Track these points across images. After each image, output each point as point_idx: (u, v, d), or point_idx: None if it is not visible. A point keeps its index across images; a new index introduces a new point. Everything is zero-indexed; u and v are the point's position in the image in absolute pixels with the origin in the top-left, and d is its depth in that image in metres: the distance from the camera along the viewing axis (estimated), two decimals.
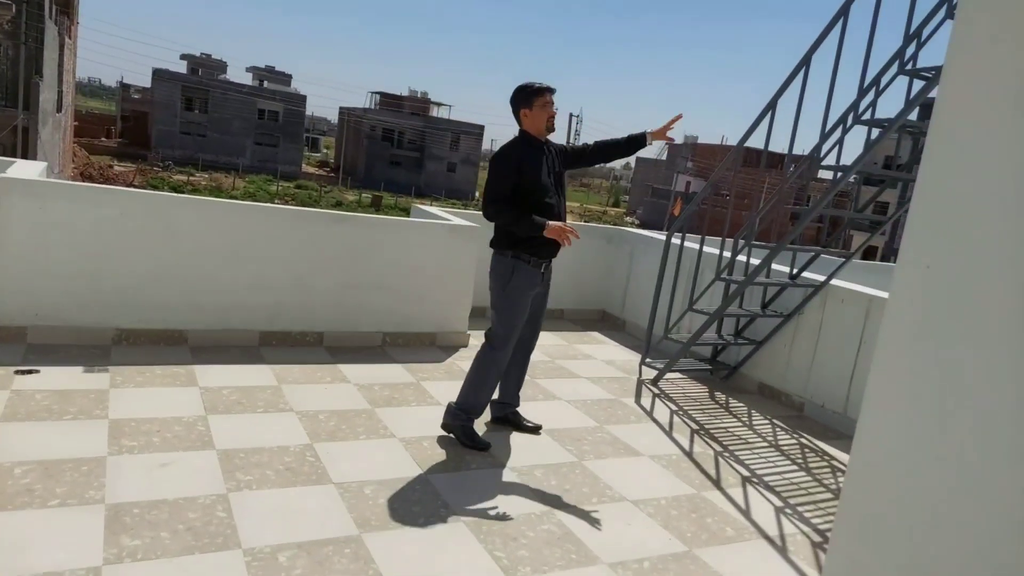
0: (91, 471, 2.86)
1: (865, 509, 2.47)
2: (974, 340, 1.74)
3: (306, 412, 3.76)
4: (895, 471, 2.41)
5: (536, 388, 4.69)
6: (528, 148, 3.63)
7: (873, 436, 2.46)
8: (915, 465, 2.29)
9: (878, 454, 2.44)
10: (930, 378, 1.99)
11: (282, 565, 2.45)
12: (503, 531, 2.87)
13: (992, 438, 1.72)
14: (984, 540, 1.74)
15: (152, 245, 4.41)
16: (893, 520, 2.41)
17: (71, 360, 3.96)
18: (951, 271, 1.83)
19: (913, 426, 2.33)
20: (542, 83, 3.64)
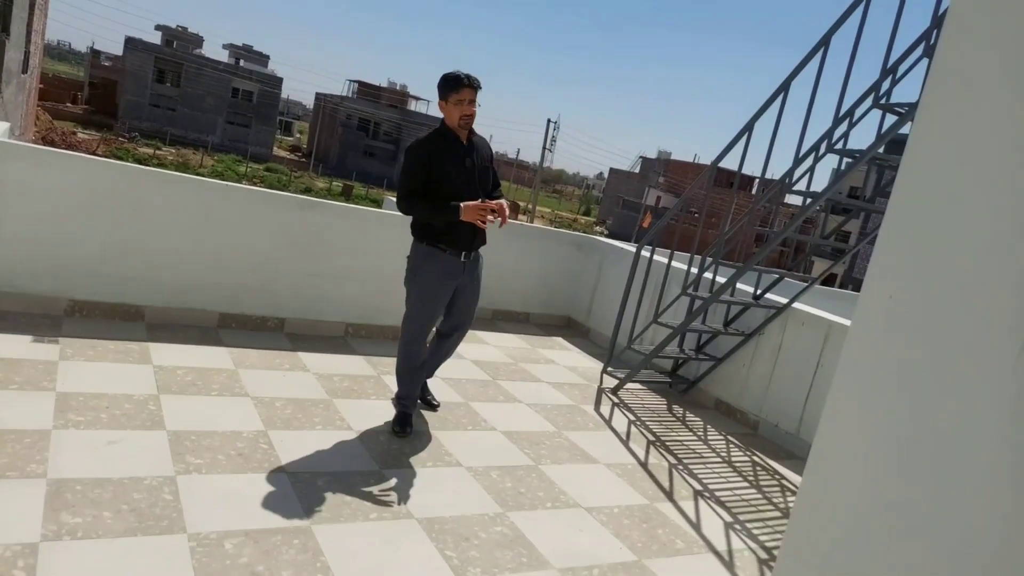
0: (34, 444, 2.76)
1: (813, 531, 2.53)
2: (935, 370, 1.78)
3: (262, 398, 3.69)
4: (846, 497, 2.47)
5: (497, 389, 4.68)
6: (442, 141, 3.49)
7: (826, 460, 2.51)
8: (868, 493, 2.35)
9: (830, 478, 2.49)
10: (889, 407, 2.04)
11: (228, 552, 2.39)
12: (456, 531, 2.86)
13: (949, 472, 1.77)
14: (935, 570, 1.78)
15: (113, 216, 4.29)
16: (841, 545, 2.47)
17: (20, 328, 3.83)
18: (915, 302, 1.88)
19: (869, 452, 2.39)
20: (467, 75, 3.42)
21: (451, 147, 3.50)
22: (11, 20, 19.52)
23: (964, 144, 1.71)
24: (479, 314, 6.46)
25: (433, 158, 3.45)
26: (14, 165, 4.01)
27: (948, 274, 1.75)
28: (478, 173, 3.57)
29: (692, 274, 5.05)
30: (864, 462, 2.32)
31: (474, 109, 3.45)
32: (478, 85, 3.44)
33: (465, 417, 4.08)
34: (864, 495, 2.30)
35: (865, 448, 2.32)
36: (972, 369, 1.69)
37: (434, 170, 3.44)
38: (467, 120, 3.47)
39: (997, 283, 1.48)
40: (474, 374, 4.89)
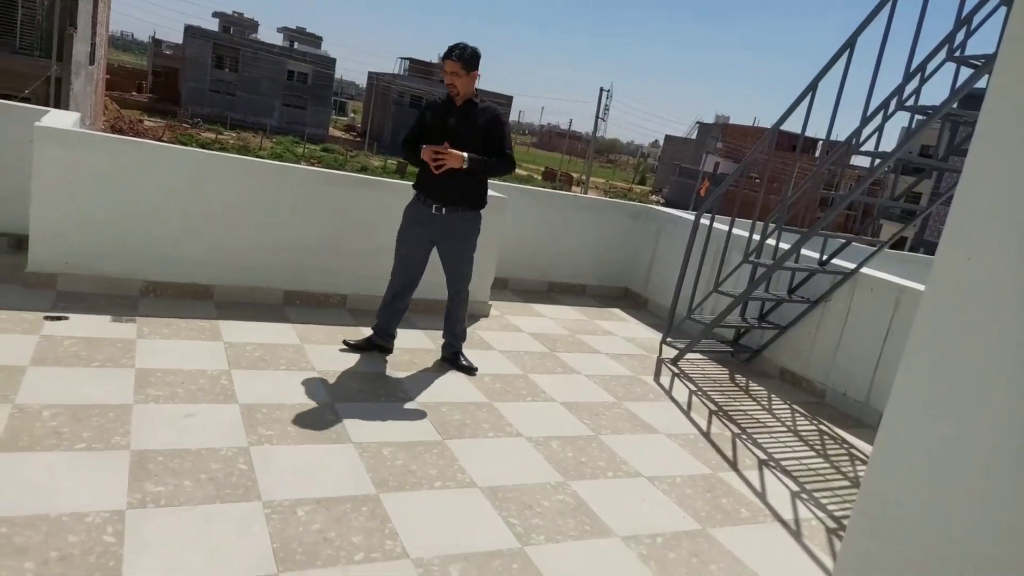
0: (117, 417, 2.91)
1: (885, 501, 2.45)
2: (1013, 336, 1.69)
3: (328, 372, 3.80)
4: (919, 465, 2.38)
5: (555, 361, 4.69)
6: (439, 103, 3.94)
7: (899, 427, 2.43)
8: (941, 460, 2.26)
9: (903, 446, 2.41)
10: (964, 372, 1.95)
11: (300, 519, 2.49)
12: (518, 499, 2.89)
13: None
14: (1009, 543, 1.71)
15: (181, 200, 4.44)
16: (913, 514, 2.39)
17: (99, 309, 4.02)
18: (995, 265, 1.78)
19: (942, 420, 2.29)
20: (450, 50, 3.79)
21: (443, 108, 3.91)
22: (78, 14, 20.22)
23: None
24: (534, 287, 6.49)
25: (426, 114, 3.95)
26: (87, 154, 4.18)
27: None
28: (462, 133, 3.81)
29: (754, 241, 4.92)
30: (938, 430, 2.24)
31: (455, 80, 3.77)
32: (452, 56, 3.76)
33: (524, 388, 4.11)
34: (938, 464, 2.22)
35: (939, 416, 2.23)
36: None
37: (424, 124, 3.92)
38: (451, 89, 3.83)
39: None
40: (532, 346, 4.91)
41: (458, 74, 3.77)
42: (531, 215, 6.38)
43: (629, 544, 2.73)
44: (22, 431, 2.67)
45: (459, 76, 3.77)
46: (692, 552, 2.76)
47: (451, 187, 3.83)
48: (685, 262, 5.28)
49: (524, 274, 6.46)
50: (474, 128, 3.83)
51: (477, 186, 3.94)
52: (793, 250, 4.67)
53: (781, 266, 4.73)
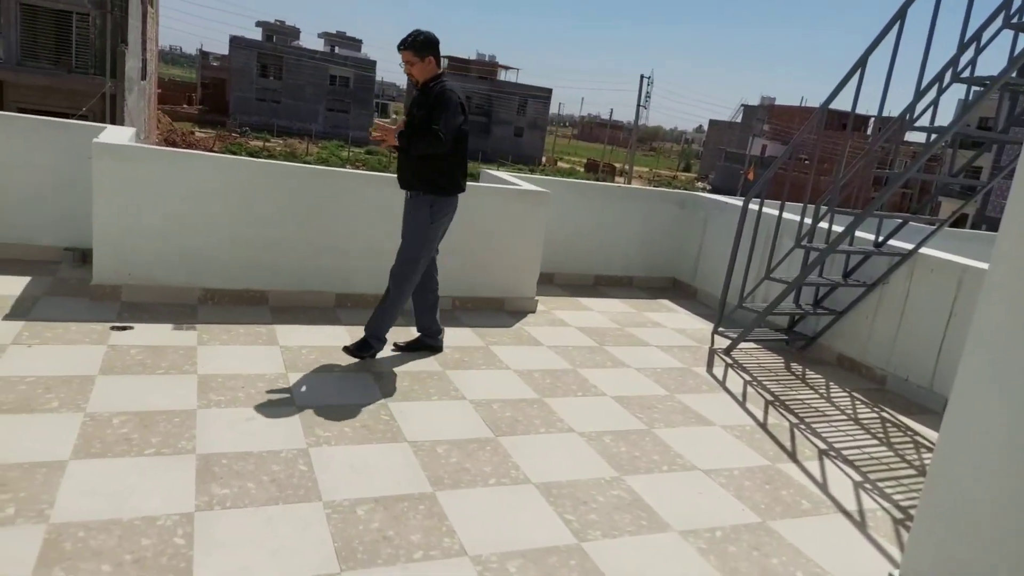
0: (183, 423, 3.02)
1: (954, 488, 2.37)
2: None
3: (380, 372, 3.86)
4: (989, 450, 2.29)
5: (604, 355, 4.66)
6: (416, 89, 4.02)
7: (966, 413, 2.34)
8: (1012, 446, 2.17)
9: (971, 432, 2.32)
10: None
11: (360, 518, 2.54)
12: (573, 495, 2.89)
13: None
14: None
15: (233, 208, 4.56)
16: (984, 501, 2.30)
17: (161, 318, 4.17)
18: None
19: (1012, 404, 2.20)
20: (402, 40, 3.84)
21: (414, 96, 3.98)
22: (128, 31, 20.91)
23: None
24: (581, 280, 6.47)
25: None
26: (143, 167, 4.33)
27: None
28: (416, 117, 3.84)
29: (805, 225, 4.80)
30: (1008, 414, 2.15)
31: (410, 68, 3.85)
32: (405, 46, 3.82)
33: (574, 383, 4.10)
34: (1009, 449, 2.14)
35: (1008, 399, 2.14)
36: None
37: None
38: (410, 77, 3.92)
39: None
40: (580, 340, 4.90)
41: (411, 62, 3.83)
42: (574, 208, 6.35)
43: (687, 538, 2.70)
44: (94, 438, 2.80)
45: (413, 64, 3.83)
46: (753, 545, 2.72)
47: (402, 170, 3.95)
48: (735, 249, 5.18)
49: (570, 268, 6.44)
50: (423, 108, 3.84)
51: (427, 168, 3.85)
52: (847, 232, 4.54)
53: (835, 249, 4.60)
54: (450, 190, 3.95)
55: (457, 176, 3.98)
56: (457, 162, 3.94)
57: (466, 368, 4.10)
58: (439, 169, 3.87)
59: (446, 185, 3.92)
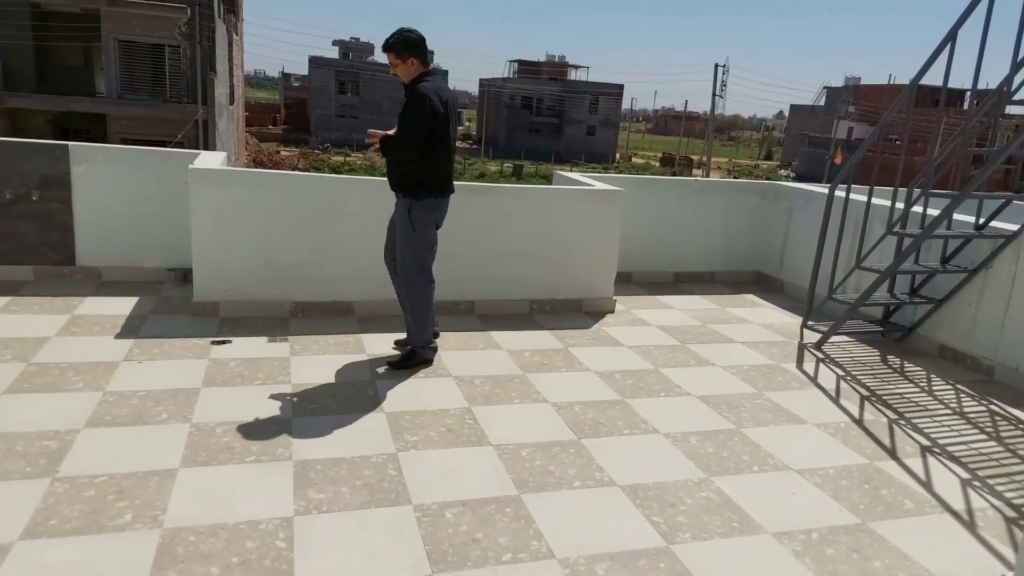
0: (280, 431, 3.17)
1: None
2: None
3: (462, 377, 3.93)
4: None
5: (688, 354, 4.58)
6: None
7: None
8: None
9: None
10: None
11: (449, 521, 2.60)
12: (660, 497, 2.86)
13: None
14: None
15: (318, 224, 4.74)
16: None
17: (257, 331, 4.39)
18: None
19: None
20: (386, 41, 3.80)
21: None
22: (216, 59, 22.09)
23: None
24: (660, 278, 6.37)
25: None
26: (234, 189, 4.57)
27: None
28: (399, 120, 3.81)
29: (898, 210, 4.57)
30: None
31: (396, 69, 3.82)
32: (386, 48, 3.79)
33: (657, 384, 4.05)
34: None
35: None
36: None
37: None
38: (397, 77, 3.87)
39: None
40: (661, 340, 4.83)
41: (394, 64, 3.81)
42: (650, 205, 6.27)
43: (781, 540, 2.62)
44: (200, 447, 2.98)
45: (396, 65, 3.81)
46: (852, 547, 2.61)
47: (387, 174, 3.97)
48: (822, 239, 4.98)
49: (648, 266, 6.36)
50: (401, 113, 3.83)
51: (398, 171, 3.85)
52: (944, 215, 4.29)
53: (931, 235, 4.36)
54: (423, 193, 3.84)
55: (434, 179, 3.86)
56: (433, 165, 3.83)
57: (546, 371, 4.12)
58: (410, 172, 3.82)
59: (420, 190, 3.83)
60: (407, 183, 3.84)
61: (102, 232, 5.16)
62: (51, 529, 2.37)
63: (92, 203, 5.09)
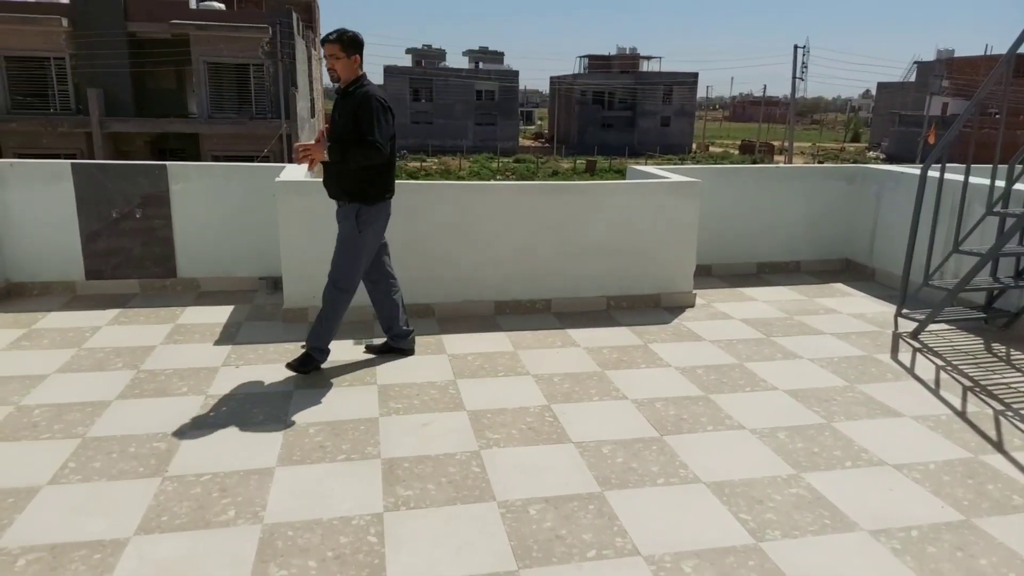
0: (367, 430, 3.28)
1: None
2: None
3: (541, 375, 3.95)
4: None
5: (773, 347, 4.45)
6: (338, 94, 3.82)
7: None
8: None
9: None
10: None
11: (533, 517, 2.63)
12: (747, 493, 2.80)
13: None
14: None
15: (397, 228, 4.86)
16: None
17: (344, 335, 4.52)
18: None
19: None
20: (329, 34, 3.68)
21: (335, 101, 3.82)
22: (297, 75, 22.98)
23: None
24: (741, 269, 6.21)
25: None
26: (318, 199, 4.74)
27: None
28: (336, 123, 3.74)
29: (998, 187, 4.29)
30: None
31: (334, 63, 3.67)
32: (331, 39, 3.66)
33: (742, 378, 3.95)
34: None
35: None
36: None
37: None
38: (332, 74, 3.73)
39: None
40: (745, 333, 4.71)
41: (337, 56, 3.63)
42: (728, 194, 6.12)
43: (878, 538, 2.52)
44: (295, 446, 3.12)
45: (338, 59, 3.64)
46: (956, 545, 2.48)
47: (330, 182, 3.81)
48: (915, 222, 4.73)
49: (729, 257, 6.21)
50: (347, 116, 3.67)
51: (352, 177, 3.72)
52: None
53: None
54: (375, 197, 3.79)
55: (384, 182, 3.83)
56: (386, 167, 3.80)
57: (626, 367, 4.09)
58: (366, 178, 3.74)
59: (372, 193, 3.77)
60: (359, 188, 3.75)
61: (199, 245, 5.48)
62: (162, 525, 2.55)
63: (189, 218, 5.40)
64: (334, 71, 3.70)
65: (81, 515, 2.58)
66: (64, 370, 3.88)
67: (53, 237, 5.18)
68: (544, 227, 5.05)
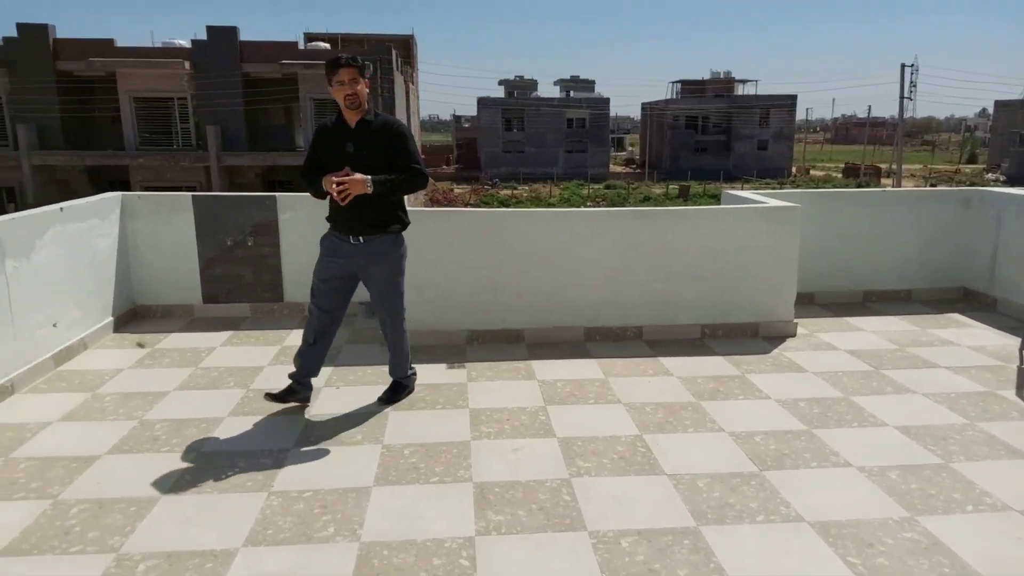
0: (459, 453, 3.33)
1: None
2: None
3: (633, 404, 3.89)
4: None
5: (883, 380, 4.20)
6: (329, 127, 3.61)
7: None
8: None
9: None
10: None
11: (625, 550, 2.57)
12: (856, 536, 2.64)
13: None
14: None
15: (488, 256, 4.96)
16: None
17: (437, 358, 4.65)
18: None
19: None
20: (343, 56, 3.49)
21: (336, 132, 3.57)
22: (395, 107, 23.93)
23: None
24: (847, 298, 5.93)
25: (319, 143, 3.63)
26: (413, 227, 4.90)
27: None
28: (362, 156, 3.50)
29: None
30: None
31: (357, 88, 3.46)
32: (357, 63, 3.47)
33: (848, 413, 3.75)
34: None
35: None
36: None
37: (320, 153, 3.61)
38: (351, 100, 3.48)
39: None
40: (851, 365, 4.47)
41: (355, 81, 3.44)
42: (832, 219, 5.87)
43: None
44: (391, 467, 3.20)
45: (358, 83, 3.45)
46: None
47: (364, 214, 3.54)
48: None
49: (833, 285, 5.94)
50: (376, 146, 3.50)
51: (391, 208, 3.63)
52: None
53: None
54: (405, 223, 3.77)
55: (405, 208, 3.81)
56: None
57: (722, 398, 3.97)
58: (400, 206, 3.73)
59: (405, 219, 3.76)
60: (396, 217, 3.68)
61: (305, 271, 5.70)
62: (268, 538, 2.67)
63: (296, 246, 5.70)
64: (355, 97, 3.47)
65: (195, 525, 2.74)
66: (182, 388, 4.15)
67: (175, 264, 5.59)
68: (636, 253, 5.00)
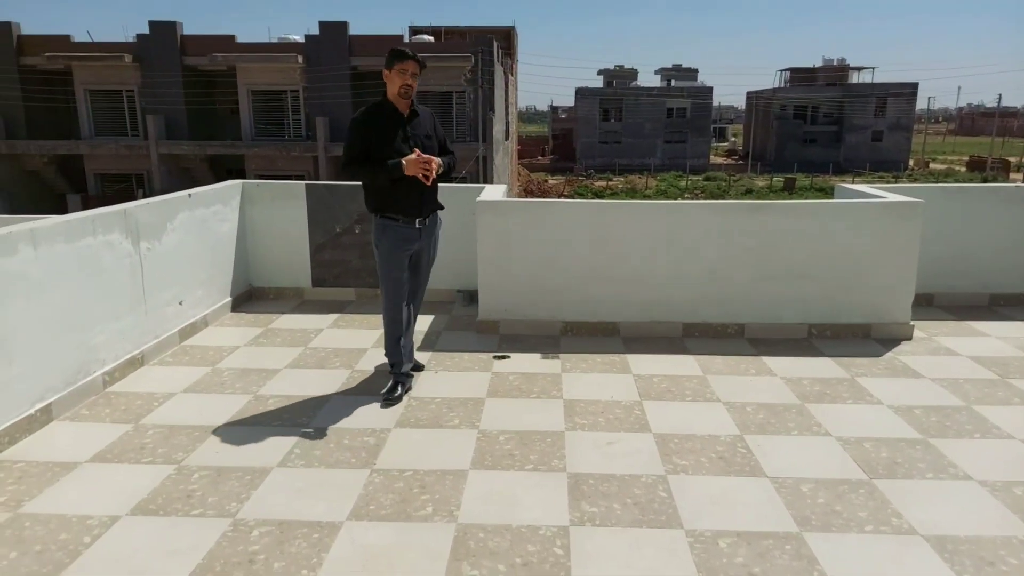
0: (554, 443, 3.35)
1: None
2: None
3: (733, 403, 3.79)
4: None
5: (1010, 390, 3.91)
6: (380, 114, 3.70)
7: None
8: None
9: None
10: None
11: (723, 551, 2.52)
12: (974, 552, 2.48)
13: None
14: None
15: (585, 247, 4.95)
16: None
17: (532, 348, 4.69)
18: None
19: None
20: (409, 50, 3.67)
21: (390, 119, 3.71)
22: (494, 100, 24.18)
23: None
24: (970, 300, 5.56)
25: (373, 131, 3.67)
26: (512, 218, 4.97)
27: None
28: (423, 138, 3.75)
29: None
30: None
31: (415, 83, 3.68)
32: (423, 63, 3.71)
33: (969, 423, 3.51)
34: None
35: None
36: None
37: (376, 142, 3.65)
38: (406, 90, 3.67)
39: None
40: (973, 372, 4.18)
41: (417, 75, 3.70)
42: (955, 216, 5.49)
43: None
44: (487, 452, 3.27)
45: (417, 77, 3.71)
46: None
47: (428, 197, 3.82)
48: None
49: (954, 286, 5.55)
50: (428, 134, 3.80)
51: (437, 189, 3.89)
52: None
53: None
54: None
55: None
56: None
57: (829, 402, 3.80)
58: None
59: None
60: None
61: None
62: (370, 513, 2.79)
63: None
64: (411, 88, 3.71)
65: (304, 497, 2.90)
66: (293, 366, 4.39)
67: (288, 249, 5.89)
68: (739, 248, 4.85)
